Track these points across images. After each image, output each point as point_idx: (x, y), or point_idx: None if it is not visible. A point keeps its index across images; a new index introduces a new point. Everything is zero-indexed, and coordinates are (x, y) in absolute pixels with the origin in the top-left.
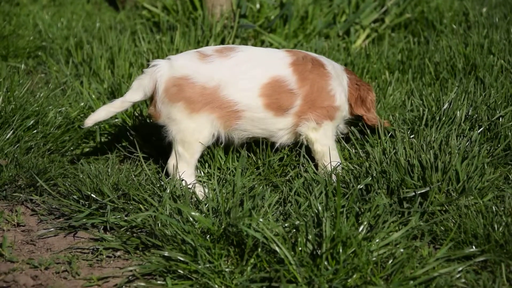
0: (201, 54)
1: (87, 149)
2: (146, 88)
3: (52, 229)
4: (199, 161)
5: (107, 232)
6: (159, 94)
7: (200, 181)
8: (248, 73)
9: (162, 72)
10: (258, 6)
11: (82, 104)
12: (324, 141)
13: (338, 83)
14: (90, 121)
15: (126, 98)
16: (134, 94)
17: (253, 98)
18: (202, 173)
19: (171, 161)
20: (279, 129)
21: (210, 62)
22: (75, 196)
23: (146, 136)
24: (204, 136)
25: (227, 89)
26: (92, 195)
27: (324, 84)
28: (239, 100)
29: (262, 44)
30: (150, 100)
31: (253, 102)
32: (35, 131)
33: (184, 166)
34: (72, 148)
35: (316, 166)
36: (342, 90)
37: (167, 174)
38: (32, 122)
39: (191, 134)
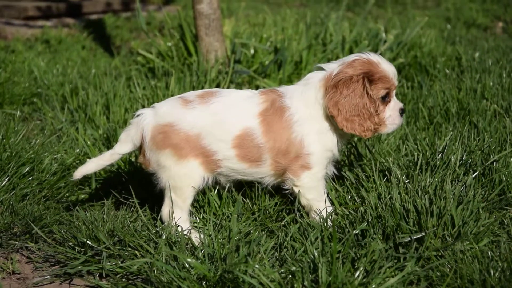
0: (184, 100)
1: (83, 196)
2: (134, 138)
3: (47, 277)
4: (194, 206)
5: (103, 279)
6: (147, 142)
7: (196, 226)
8: (224, 122)
9: (147, 120)
10: (252, 51)
11: (77, 150)
12: (308, 195)
13: (303, 123)
14: (79, 173)
15: (116, 151)
16: (123, 146)
17: (228, 150)
18: (197, 218)
19: (165, 209)
20: (261, 177)
21: (192, 109)
22: (70, 243)
23: (142, 182)
24: (195, 180)
25: (207, 138)
26: (87, 241)
27: (287, 133)
28: (217, 150)
29: (257, 89)
30: (139, 149)
31: (228, 153)
32: (31, 178)
33: (178, 212)
34: (67, 194)
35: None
36: (312, 129)
37: (162, 221)
38: (27, 169)
39: (181, 179)
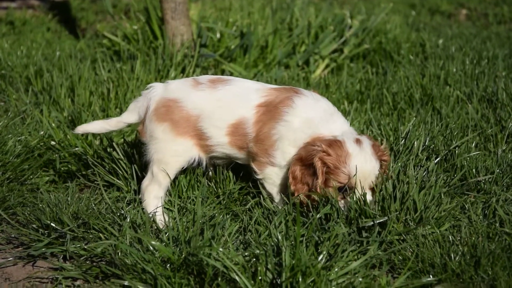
0: (195, 82)
1: (47, 178)
2: (140, 110)
3: (10, 259)
4: None
5: (67, 261)
6: (149, 112)
7: (165, 207)
8: (222, 110)
9: (156, 93)
10: (218, 35)
11: (41, 132)
12: (267, 188)
13: (288, 129)
14: (82, 129)
15: (122, 119)
16: (129, 115)
17: (222, 136)
18: (163, 201)
19: (145, 181)
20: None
21: (199, 91)
22: (34, 225)
23: (107, 165)
24: (182, 160)
25: (204, 121)
26: (51, 224)
27: (270, 128)
28: (211, 135)
29: (223, 73)
30: (143, 120)
31: (221, 140)
32: None
33: (155, 187)
34: (31, 176)
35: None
36: (291, 139)
37: (139, 192)
38: None
39: (170, 155)
